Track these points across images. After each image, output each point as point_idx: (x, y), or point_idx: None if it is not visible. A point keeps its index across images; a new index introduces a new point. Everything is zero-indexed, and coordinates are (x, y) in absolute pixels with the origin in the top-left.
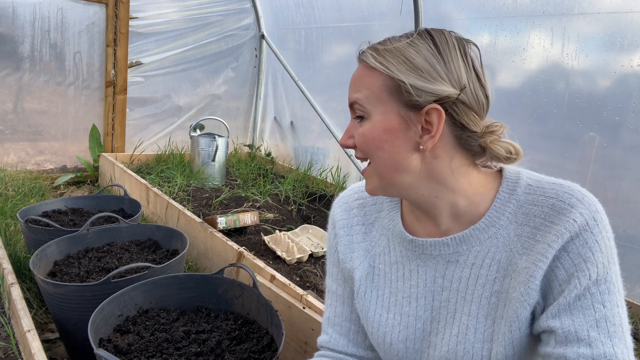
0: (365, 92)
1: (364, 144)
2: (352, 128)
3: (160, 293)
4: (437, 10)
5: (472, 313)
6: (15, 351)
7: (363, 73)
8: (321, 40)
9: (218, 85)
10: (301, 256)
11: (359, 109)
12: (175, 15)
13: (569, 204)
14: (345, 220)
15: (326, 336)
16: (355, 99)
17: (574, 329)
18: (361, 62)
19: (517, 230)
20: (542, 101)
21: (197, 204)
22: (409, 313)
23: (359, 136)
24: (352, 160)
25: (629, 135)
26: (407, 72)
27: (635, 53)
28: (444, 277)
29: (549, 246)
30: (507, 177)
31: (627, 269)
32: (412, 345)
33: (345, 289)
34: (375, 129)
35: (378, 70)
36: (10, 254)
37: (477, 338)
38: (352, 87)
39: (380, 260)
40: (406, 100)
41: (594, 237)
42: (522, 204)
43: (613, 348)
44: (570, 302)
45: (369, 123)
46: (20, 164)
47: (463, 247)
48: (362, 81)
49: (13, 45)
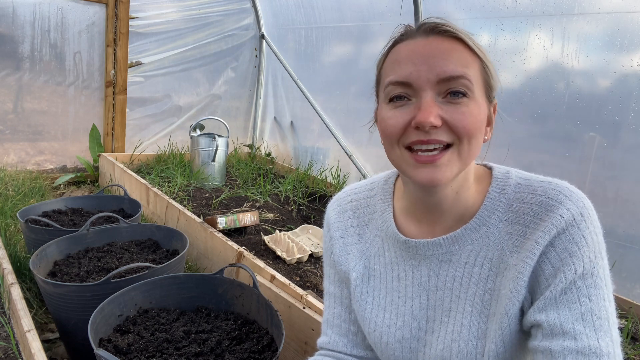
0: (472, 69)
1: (471, 125)
2: (434, 105)
3: (160, 293)
4: (437, 10)
5: (466, 311)
6: (15, 351)
7: (457, 47)
8: (321, 40)
9: (218, 85)
10: (301, 256)
11: (464, 86)
12: (175, 15)
13: (556, 200)
14: (340, 223)
15: (326, 337)
16: (464, 73)
17: (560, 322)
18: (446, 36)
19: (508, 229)
20: (542, 101)
21: (197, 204)
22: (404, 312)
23: (467, 115)
24: (352, 160)
25: (629, 135)
26: (490, 63)
27: (635, 53)
28: (438, 277)
29: (536, 243)
30: (496, 176)
31: (627, 269)
32: (408, 344)
33: (343, 290)
34: (481, 112)
35: (476, 53)
36: (10, 254)
37: (471, 335)
38: (449, 59)
39: (375, 261)
40: (487, 89)
41: (580, 232)
42: (512, 202)
43: (598, 341)
44: (556, 296)
45: (474, 103)
46: (20, 164)
47: (455, 246)
48: (462, 56)
49: (13, 45)
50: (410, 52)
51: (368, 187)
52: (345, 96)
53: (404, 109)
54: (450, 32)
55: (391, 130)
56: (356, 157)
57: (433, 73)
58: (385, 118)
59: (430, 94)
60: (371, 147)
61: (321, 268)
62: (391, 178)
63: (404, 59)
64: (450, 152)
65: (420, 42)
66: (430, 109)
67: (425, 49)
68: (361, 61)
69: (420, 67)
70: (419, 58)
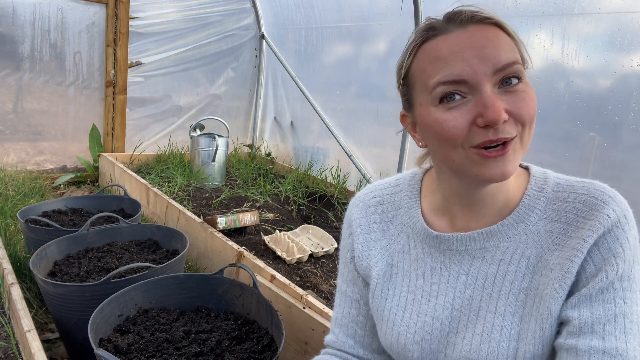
0: (517, 53)
1: (533, 109)
2: (497, 99)
3: (160, 293)
4: (437, 10)
5: (499, 311)
6: (15, 351)
7: (500, 34)
8: (321, 40)
9: (218, 85)
10: (301, 256)
11: (519, 70)
12: (175, 15)
13: (601, 200)
14: (363, 219)
15: (333, 336)
16: (516, 59)
17: (591, 321)
18: (485, 23)
19: (548, 227)
20: (542, 101)
21: (197, 204)
22: (426, 312)
23: (528, 100)
24: (352, 160)
25: (629, 135)
26: (521, 43)
27: (635, 53)
28: (468, 274)
29: (583, 241)
30: (535, 175)
31: None
32: (428, 345)
33: (355, 291)
34: (533, 92)
35: (517, 42)
36: (10, 254)
37: (503, 337)
38: (499, 47)
39: (399, 258)
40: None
41: (624, 234)
42: (552, 201)
43: (626, 344)
44: (592, 294)
45: (527, 85)
46: (20, 164)
47: (490, 242)
48: (507, 42)
49: (13, 45)
50: (454, 46)
51: (393, 184)
52: (345, 96)
53: (461, 108)
54: (489, 18)
55: (453, 133)
56: (356, 157)
57: (488, 65)
58: (441, 121)
59: (489, 87)
60: (371, 147)
61: (321, 268)
62: (417, 175)
63: (449, 55)
64: (515, 141)
65: (462, 35)
66: (497, 103)
67: (472, 41)
68: (361, 61)
69: (472, 61)
70: (468, 52)
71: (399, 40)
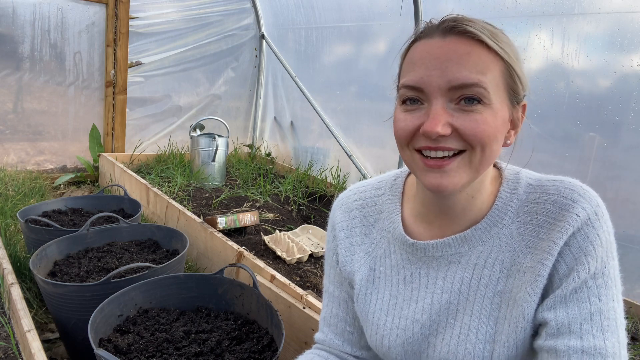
0: (489, 75)
1: (483, 133)
2: (443, 113)
3: (160, 293)
4: (437, 10)
5: (474, 314)
6: (15, 351)
7: (475, 51)
8: (321, 40)
9: (218, 85)
10: (301, 256)
11: (480, 93)
12: (175, 15)
13: (570, 199)
14: (345, 222)
15: (322, 334)
16: (479, 81)
17: (568, 321)
18: (465, 37)
19: (520, 229)
20: (542, 101)
21: (197, 204)
22: (407, 316)
23: (480, 123)
24: (352, 160)
25: (629, 135)
26: (517, 62)
27: (635, 53)
28: (445, 279)
29: (553, 243)
30: (507, 177)
31: (627, 269)
32: (410, 347)
33: (342, 292)
34: (497, 118)
35: (498, 54)
36: (10, 254)
37: (478, 339)
38: (463, 64)
39: (381, 262)
40: (511, 92)
41: (595, 231)
42: (525, 203)
43: (604, 342)
44: (566, 295)
45: (490, 110)
46: (20, 164)
47: (465, 247)
48: (479, 60)
49: (13, 45)
50: (425, 53)
51: (375, 186)
52: (345, 96)
53: (414, 113)
54: (470, 32)
55: (400, 133)
56: (356, 157)
57: (444, 79)
58: (397, 120)
59: (441, 101)
60: (371, 147)
61: (321, 268)
62: (400, 177)
63: (418, 60)
64: (461, 158)
65: (436, 43)
66: (439, 117)
67: (441, 52)
68: (361, 61)
69: (432, 72)
70: (432, 62)
71: (399, 41)
